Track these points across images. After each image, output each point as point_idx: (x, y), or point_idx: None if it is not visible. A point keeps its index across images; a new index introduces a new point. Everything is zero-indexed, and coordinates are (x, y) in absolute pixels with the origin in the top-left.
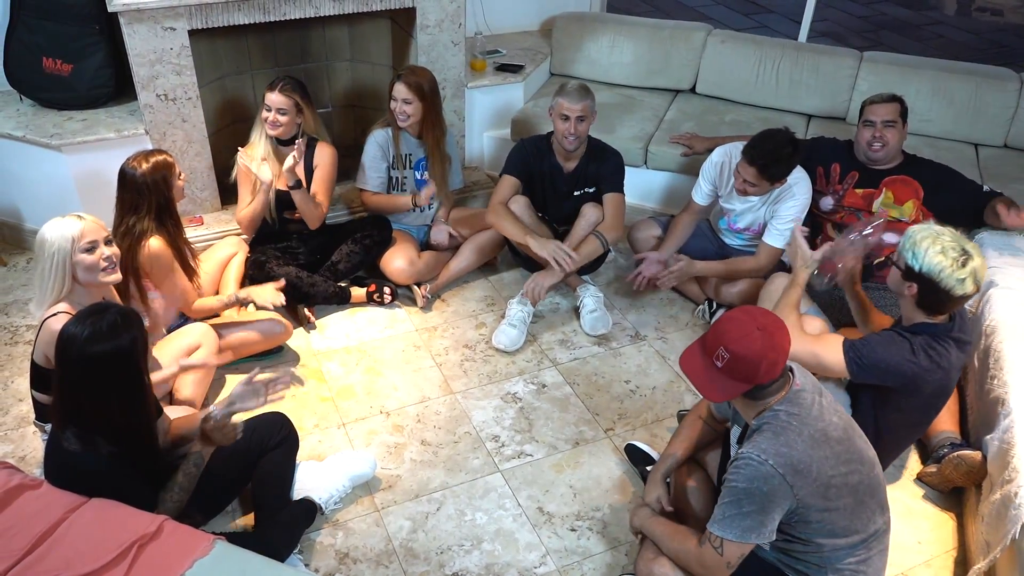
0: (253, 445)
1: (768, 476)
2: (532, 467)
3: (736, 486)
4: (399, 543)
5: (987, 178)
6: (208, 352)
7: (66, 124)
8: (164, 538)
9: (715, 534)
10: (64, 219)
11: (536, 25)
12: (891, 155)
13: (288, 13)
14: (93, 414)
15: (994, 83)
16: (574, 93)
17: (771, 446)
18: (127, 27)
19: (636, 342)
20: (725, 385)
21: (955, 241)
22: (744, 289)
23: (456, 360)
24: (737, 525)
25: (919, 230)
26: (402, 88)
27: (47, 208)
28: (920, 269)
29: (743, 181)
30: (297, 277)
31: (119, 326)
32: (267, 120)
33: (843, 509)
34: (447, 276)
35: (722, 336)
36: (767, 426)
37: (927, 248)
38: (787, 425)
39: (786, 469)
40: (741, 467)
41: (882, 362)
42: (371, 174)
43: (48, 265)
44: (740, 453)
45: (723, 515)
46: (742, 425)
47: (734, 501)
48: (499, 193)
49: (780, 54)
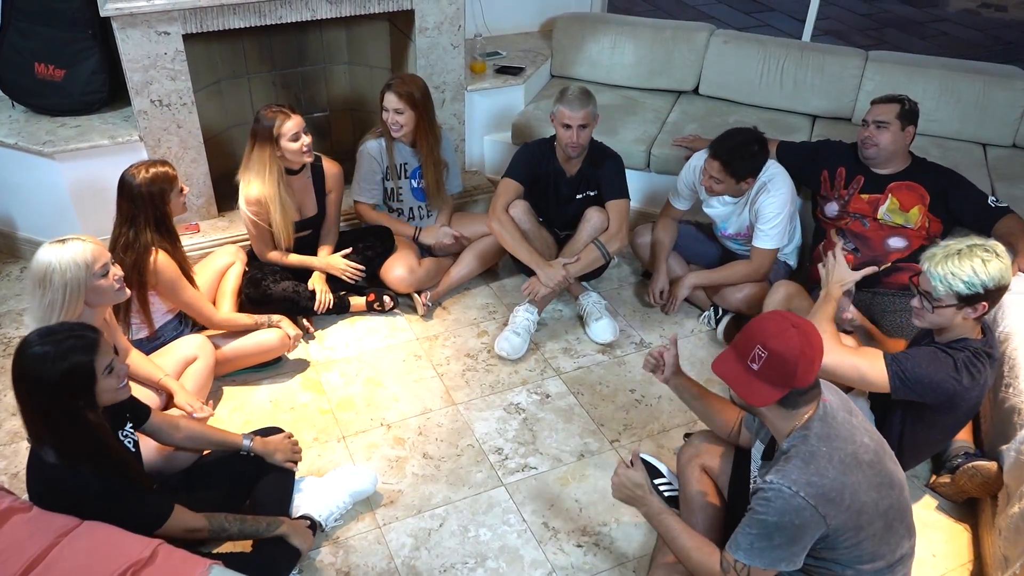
0: (251, 461)
1: (800, 509)
2: (536, 480)
3: (766, 519)
4: (401, 561)
5: (996, 179)
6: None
7: (59, 131)
8: (159, 563)
9: (742, 562)
10: (67, 244)
11: (536, 26)
12: (884, 156)
13: (284, 16)
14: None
15: (1002, 82)
16: (575, 101)
17: (801, 476)
18: (120, 32)
19: (641, 350)
20: (762, 389)
21: (971, 245)
22: (750, 294)
23: (458, 370)
24: (768, 556)
25: (943, 264)
26: (393, 98)
27: (40, 217)
28: (985, 286)
29: (709, 177)
30: (295, 291)
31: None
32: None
33: (873, 536)
34: (448, 283)
35: (757, 335)
36: (795, 451)
37: (972, 267)
38: (816, 451)
39: (818, 500)
40: (772, 499)
41: (926, 378)
42: (366, 187)
43: (61, 295)
44: (769, 483)
45: (751, 545)
46: (765, 440)
47: (764, 534)
48: (500, 198)
49: (784, 54)
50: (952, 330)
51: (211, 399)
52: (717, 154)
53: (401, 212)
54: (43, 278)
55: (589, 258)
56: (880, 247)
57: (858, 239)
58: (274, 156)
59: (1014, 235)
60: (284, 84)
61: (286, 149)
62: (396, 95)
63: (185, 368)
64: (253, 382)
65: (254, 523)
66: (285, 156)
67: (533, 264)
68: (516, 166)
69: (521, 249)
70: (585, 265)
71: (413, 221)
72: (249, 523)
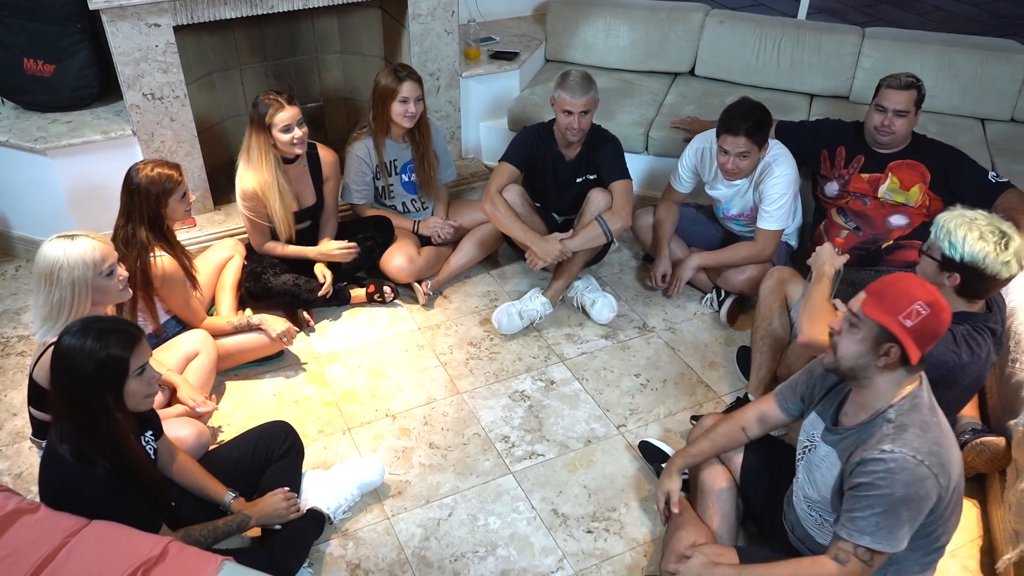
0: (258, 456)
1: (924, 478)
2: (544, 467)
3: (891, 494)
4: (411, 552)
5: (995, 154)
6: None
7: (51, 127)
8: (169, 561)
9: (865, 547)
10: (76, 241)
11: (529, 11)
12: (898, 142)
13: (276, 6)
14: (84, 427)
15: (1000, 56)
16: (577, 87)
17: (923, 444)
18: (110, 25)
19: (644, 334)
20: (912, 347)
21: (991, 224)
22: (752, 276)
23: (461, 358)
24: (896, 535)
25: (951, 218)
26: (414, 86)
27: (34, 214)
28: (962, 258)
29: (736, 156)
30: (295, 284)
31: (118, 340)
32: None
33: (950, 514)
34: (448, 272)
35: (916, 292)
36: (907, 419)
37: (965, 236)
38: (929, 421)
39: (939, 469)
40: (895, 471)
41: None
42: (356, 188)
43: (69, 293)
44: (889, 452)
45: (877, 526)
46: (828, 412)
47: (890, 511)
48: (495, 181)
49: (780, 33)
50: (952, 301)
51: (214, 394)
52: (739, 129)
53: (395, 208)
54: (50, 274)
55: (590, 234)
56: (881, 225)
57: (859, 218)
58: (268, 144)
59: (1015, 209)
60: (276, 75)
61: (277, 139)
62: (416, 82)
63: (187, 364)
64: (256, 376)
65: (225, 526)
66: (277, 146)
67: (528, 240)
68: (513, 150)
69: (515, 227)
70: (584, 240)
71: (408, 215)
72: (221, 527)
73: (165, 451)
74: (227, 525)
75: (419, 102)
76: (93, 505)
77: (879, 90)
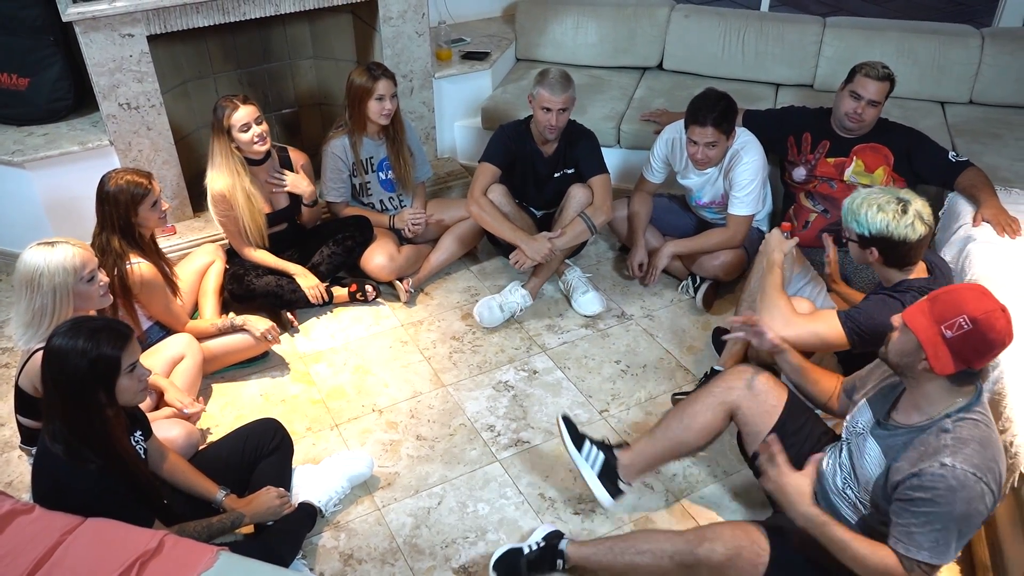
0: (248, 453)
1: (983, 495)
2: (530, 454)
3: (951, 511)
4: (403, 540)
5: (956, 135)
6: (193, 362)
7: (27, 140)
8: (166, 553)
9: (927, 563)
10: (56, 247)
11: (498, 11)
12: (864, 129)
13: (248, 13)
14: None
15: (956, 40)
16: (556, 85)
17: (983, 461)
18: (83, 36)
19: (623, 322)
20: (945, 357)
21: (887, 195)
22: (726, 261)
23: (444, 352)
24: (949, 550)
25: (851, 200)
26: (389, 84)
27: (13, 227)
28: (871, 233)
29: (704, 146)
30: (278, 285)
31: (110, 338)
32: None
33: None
34: (428, 269)
35: (965, 305)
36: (965, 432)
37: (866, 212)
38: (989, 436)
39: (996, 486)
40: (957, 489)
41: (880, 326)
42: (332, 186)
43: (50, 299)
44: (951, 468)
45: (936, 543)
46: (882, 409)
47: (950, 528)
48: (479, 182)
49: (744, 25)
50: (887, 273)
51: (201, 396)
52: (706, 120)
53: (372, 206)
54: (31, 281)
55: (576, 231)
56: None
57: (827, 201)
58: (230, 147)
59: (975, 187)
60: (250, 82)
61: (238, 140)
62: (390, 79)
63: (173, 368)
64: (242, 378)
65: (219, 523)
66: (240, 147)
67: (517, 240)
68: (493, 149)
69: (503, 228)
70: (572, 237)
71: (386, 212)
72: (215, 524)
73: (155, 451)
74: (221, 523)
75: (394, 99)
76: (87, 501)
77: (855, 76)
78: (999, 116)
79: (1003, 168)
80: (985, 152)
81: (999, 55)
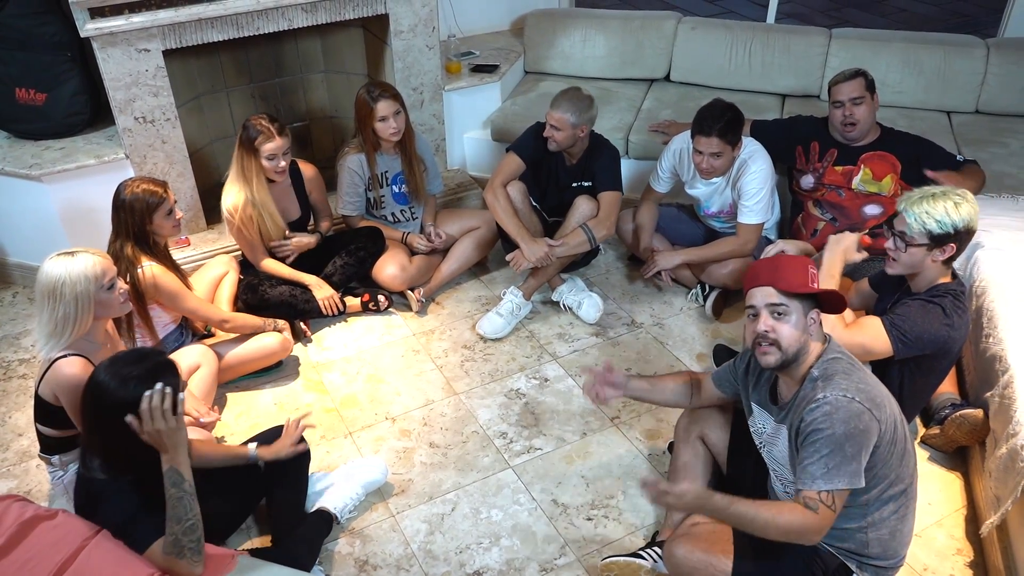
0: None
1: (859, 413)
2: (542, 460)
3: (833, 433)
4: (417, 546)
5: (962, 144)
6: (208, 372)
7: (44, 154)
8: None
9: (825, 491)
10: (76, 257)
11: (507, 24)
12: (865, 130)
13: (261, 27)
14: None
15: (961, 51)
16: (553, 101)
17: (851, 384)
18: (101, 51)
19: (633, 330)
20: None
21: (942, 191)
22: (735, 269)
23: (456, 361)
24: (845, 472)
25: (913, 204)
26: (389, 104)
27: (30, 241)
28: (956, 228)
29: (709, 156)
30: (291, 295)
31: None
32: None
33: (898, 453)
34: (439, 279)
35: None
36: (829, 370)
37: (943, 209)
38: (851, 367)
39: (870, 404)
40: (832, 412)
41: (925, 333)
42: (349, 200)
43: (74, 308)
44: (824, 399)
45: (827, 468)
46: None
47: (835, 450)
48: (502, 171)
49: (751, 36)
50: (923, 275)
51: (216, 405)
52: (711, 130)
53: (385, 218)
54: (53, 291)
55: (575, 241)
56: (857, 215)
57: (835, 209)
58: (254, 164)
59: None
60: (263, 96)
61: (261, 163)
62: (390, 99)
63: (189, 377)
64: (256, 387)
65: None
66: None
67: (519, 237)
68: (523, 141)
69: (510, 222)
70: (570, 247)
71: (398, 225)
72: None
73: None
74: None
75: (399, 115)
76: (129, 509)
77: (830, 90)
78: (1006, 125)
79: (1010, 176)
80: (992, 161)
81: (1005, 65)
